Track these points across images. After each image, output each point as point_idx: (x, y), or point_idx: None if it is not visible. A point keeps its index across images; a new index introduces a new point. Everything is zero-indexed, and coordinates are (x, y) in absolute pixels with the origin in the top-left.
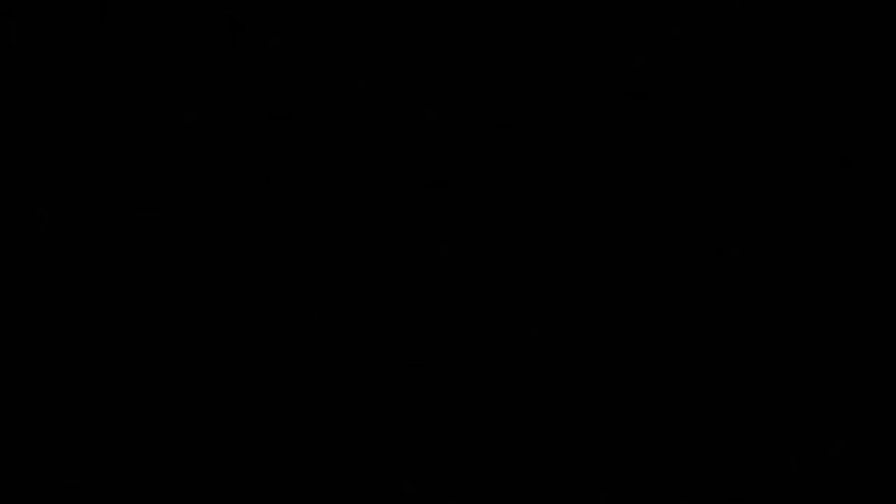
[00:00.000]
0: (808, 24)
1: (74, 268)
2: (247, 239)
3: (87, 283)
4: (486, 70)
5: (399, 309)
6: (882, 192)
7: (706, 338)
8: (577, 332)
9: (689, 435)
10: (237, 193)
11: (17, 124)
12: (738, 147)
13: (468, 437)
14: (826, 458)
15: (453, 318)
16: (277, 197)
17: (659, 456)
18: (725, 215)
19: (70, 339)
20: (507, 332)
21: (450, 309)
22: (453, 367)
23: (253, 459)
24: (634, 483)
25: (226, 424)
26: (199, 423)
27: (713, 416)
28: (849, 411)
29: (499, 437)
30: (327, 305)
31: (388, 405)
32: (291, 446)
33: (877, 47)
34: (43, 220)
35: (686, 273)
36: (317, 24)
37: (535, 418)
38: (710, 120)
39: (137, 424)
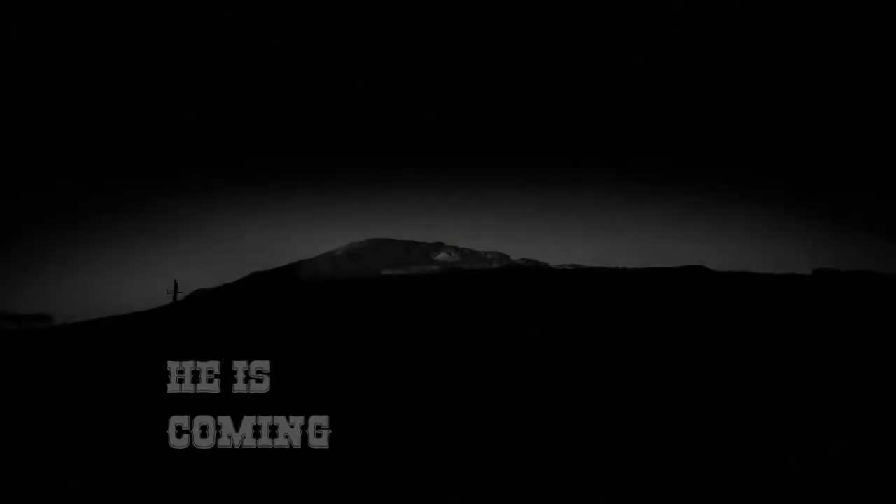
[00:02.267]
0: (808, 25)
1: (73, 265)
2: (247, 242)
3: (86, 279)
4: (486, 70)
5: (399, 309)
6: (882, 193)
7: (706, 338)
8: (577, 332)
9: (689, 435)
10: (237, 192)
11: (17, 124)
12: (737, 145)
13: (467, 438)
14: (826, 458)
15: (453, 319)
16: (276, 196)
17: (659, 456)
18: (725, 214)
19: (70, 337)
20: (507, 332)
21: (449, 309)
22: (453, 368)
23: (254, 459)
24: (634, 483)
25: (227, 425)
26: (200, 423)
27: (714, 416)
28: (849, 411)
29: (498, 438)
30: (327, 305)
31: (389, 406)
32: (293, 447)
33: (877, 47)
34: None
35: (686, 273)
36: (317, 25)
37: (534, 419)
38: (710, 119)
39: (137, 424)
